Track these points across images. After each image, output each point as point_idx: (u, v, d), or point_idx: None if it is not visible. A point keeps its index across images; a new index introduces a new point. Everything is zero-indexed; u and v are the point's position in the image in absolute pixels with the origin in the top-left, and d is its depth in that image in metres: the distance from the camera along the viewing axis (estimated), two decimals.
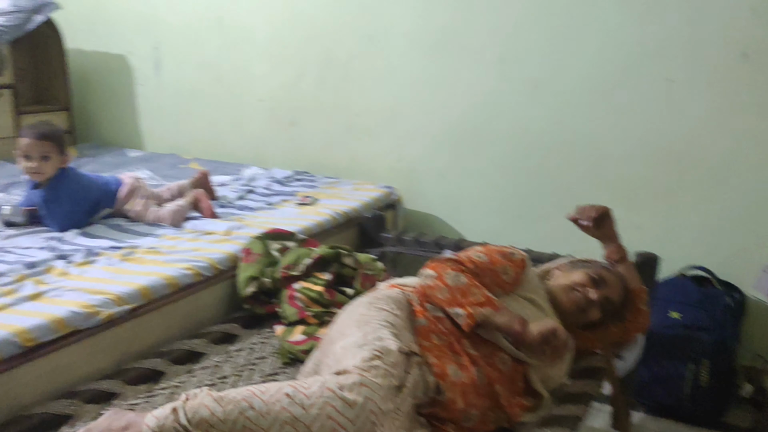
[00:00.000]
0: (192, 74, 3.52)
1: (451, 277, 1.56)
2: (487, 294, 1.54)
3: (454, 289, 1.54)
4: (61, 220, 2.21)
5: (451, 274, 1.57)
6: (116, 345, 1.64)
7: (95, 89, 3.84)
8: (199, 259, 1.97)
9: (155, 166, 3.29)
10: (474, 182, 2.91)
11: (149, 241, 2.15)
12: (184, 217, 2.39)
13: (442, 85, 2.89)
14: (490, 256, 1.66)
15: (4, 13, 3.18)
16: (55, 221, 2.21)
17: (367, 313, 1.51)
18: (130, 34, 3.65)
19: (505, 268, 1.67)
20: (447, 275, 1.57)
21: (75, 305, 1.60)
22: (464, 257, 1.65)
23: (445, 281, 1.56)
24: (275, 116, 3.35)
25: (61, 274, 1.82)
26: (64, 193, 2.23)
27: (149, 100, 3.68)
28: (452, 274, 1.57)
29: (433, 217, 3.03)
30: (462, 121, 2.88)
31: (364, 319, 1.48)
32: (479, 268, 1.63)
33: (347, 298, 1.94)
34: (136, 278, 1.80)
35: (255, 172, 3.19)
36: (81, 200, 2.29)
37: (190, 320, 1.87)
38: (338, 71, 3.13)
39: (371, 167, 3.14)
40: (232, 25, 3.35)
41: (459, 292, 1.53)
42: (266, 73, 3.32)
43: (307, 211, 2.58)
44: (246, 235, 2.22)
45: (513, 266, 1.68)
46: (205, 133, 3.56)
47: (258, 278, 1.98)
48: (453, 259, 1.63)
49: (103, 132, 3.88)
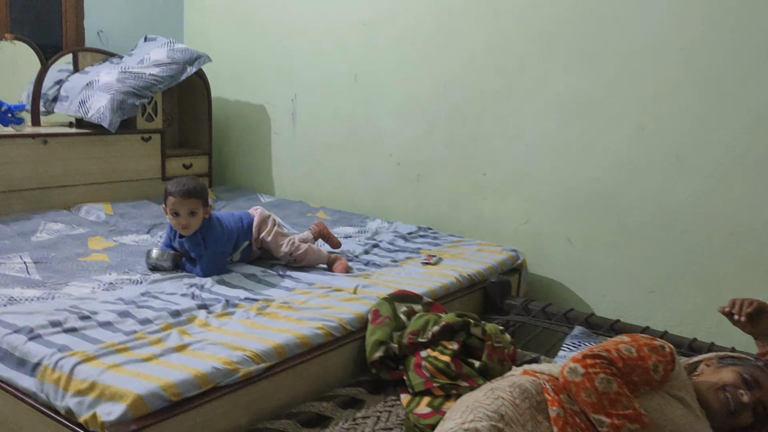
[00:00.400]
0: (325, 126, 3.65)
1: (600, 382, 1.48)
2: (636, 408, 1.46)
3: (602, 395, 1.47)
4: (206, 266, 2.34)
5: (601, 379, 1.49)
6: (251, 403, 1.69)
7: (234, 136, 4.07)
8: (329, 318, 2.01)
9: (284, 212, 3.41)
10: (604, 251, 2.80)
11: (282, 294, 2.22)
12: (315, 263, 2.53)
13: (576, 150, 2.84)
14: (639, 350, 1.57)
15: (160, 64, 3.44)
16: (200, 267, 2.35)
17: (481, 399, 1.48)
18: (270, 86, 3.85)
19: (656, 365, 1.57)
20: (597, 379, 1.49)
21: (216, 360, 1.66)
22: (614, 352, 1.56)
23: (594, 384, 1.48)
24: (402, 171, 3.40)
25: (203, 325, 1.90)
26: (210, 241, 2.36)
27: (283, 149, 3.85)
28: (603, 379, 1.49)
29: (558, 284, 2.94)
30: (595, 188, 2.80)
31: (474, 405, 1.46)
32: (628, 365, 1.54)
33: (474, 371, 1.90)
34: (271, 335, 1.86)
35: (379, 225, 3.24)
36: (225, 244, 2.42)
37: (319, 381, 1.89)
38: (468, 129, 3.15)
39: (496, 228, 3.10)
40: (367, 82, 3.46)
41: (607, 399, 1.46)
42: (396, 129, 3.38)
43: (431, 271, 2.58)
44: (373, 294, 2.24)
45: (663, 362, 1.58)
46: (334, 183, 3.66)
47: (386, 343, 1.98)
48: (603, 357, 1.54)
49: (238, 176, 4.08)
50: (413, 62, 3.28)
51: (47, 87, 3.44)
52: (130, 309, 1.98)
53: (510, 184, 3.05)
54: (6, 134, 2.99)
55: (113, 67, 3.44)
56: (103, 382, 1.51)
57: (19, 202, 3.04)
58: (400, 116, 3.37)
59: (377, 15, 3.37)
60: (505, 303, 2.55)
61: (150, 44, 3.62)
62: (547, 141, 2.91)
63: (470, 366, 1.93)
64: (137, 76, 3.33)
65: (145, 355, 1.66)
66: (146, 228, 2.96)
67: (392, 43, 3.34)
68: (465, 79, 3.12)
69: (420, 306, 2.19)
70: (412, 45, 3.28)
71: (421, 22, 3.23)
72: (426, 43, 3.23)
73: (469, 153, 3.16)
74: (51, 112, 3.45)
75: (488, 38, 3.02)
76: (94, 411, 1.47)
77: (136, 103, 3.29)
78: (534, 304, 2.52)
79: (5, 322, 1.81)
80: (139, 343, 1.73)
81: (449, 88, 3.18)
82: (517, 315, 2.46)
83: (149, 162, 3.53)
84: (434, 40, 3.20)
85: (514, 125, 3.00)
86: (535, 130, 2.94)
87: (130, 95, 3.26)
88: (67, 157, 3.19)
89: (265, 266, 2.50)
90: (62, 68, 3.52)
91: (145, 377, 1.54)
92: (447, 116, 3.21)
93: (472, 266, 2.65)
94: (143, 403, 1.47)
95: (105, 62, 3.58)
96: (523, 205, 3.01)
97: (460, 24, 3.10)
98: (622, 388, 1.48)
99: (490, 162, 3.09)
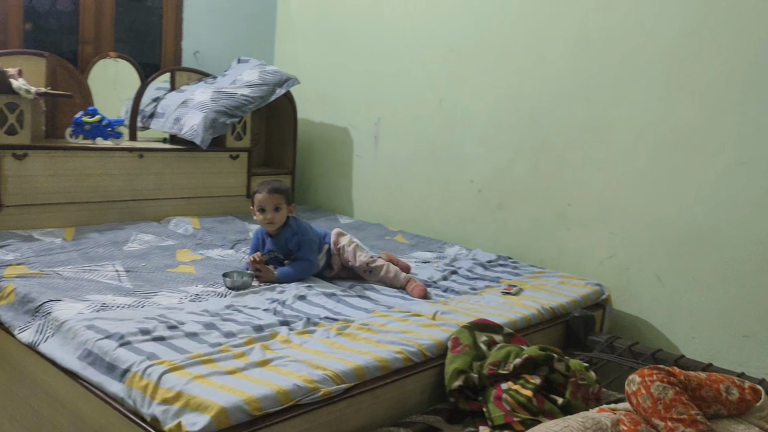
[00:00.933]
0: (407, 150, 3.66)
1: (656, 388, 1.51)
2: (693, 413, 1.44)
3: (657, 400, 1.49)
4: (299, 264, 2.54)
5: (657, 386, 1.51)
6: (329, 423, 1.68)
7: (317, 157, 4.14)
8: (409, 343, 1.99)
9: (363, 234, 3.43)
10: (696, 291, 2.67)
11: (362, 315, 2.22)
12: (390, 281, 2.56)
13: (668, 183, 2.73)
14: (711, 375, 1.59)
15: (252, 85, 3.55)
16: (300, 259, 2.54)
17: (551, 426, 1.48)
18: (354, 108, 3.91)
19: (728, 387, 1.57)
20: (653, 386, 1.51)
21: (298, 378, 1.67)
22: (677, 369, 1.59)
23: (649, 390, 1.51)
24: (483, 198, 3.36)
25: (284, 342, 1.92)
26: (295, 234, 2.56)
27: (364, 171, 3.89)
28: (659, 386, 1.51)
29: (644, 322, 2.82)
30: (688, 224, 2.68)
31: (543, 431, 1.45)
32: (693, 381, 1.56)
33: (556, 408, 1.84)
34: (351, 356, 1.85)
35: (458, 252, 3.20)
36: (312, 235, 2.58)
37: (397, 406, 1.87)
38: (553, 158, 3.09)
39: (579, 261, 3.02)
40: (452, 107, 3.45)
41: (662, 405, 1.47)
42: (480, 155, 3.35)
43: (512, 301, 2.52)
44: (452, 321, 2.21)
45: (738, 388, 1.57)
46: (413, 207, 3.66)
47: (466, 372, 1.94)
48: (662, 368, 1.56)
49: (319, 197, 4.14)
50: (499, 89, 3.26)
51: (145, 104, 3.61)
52: (215, 321, 2.02)
53: (596, 215, 2.96)
54: (105, 147, 3.14)
55: (207, 86, 3.57)
56: (188, 392, 1.54)
57: (114, 212, 3.18)
58: (483, 143, 3.34)
59: (465, 41, 3.38)
60: (589, 339, 2.47)
61: (243, 65, 3.75)
62: (637, 173, 2.82)
63: (553, 402, 1.87)
64: (230, 96, 3.44)
65: (229, 368, 1.69)
66: (231, 243, 3.03)
67: (479, 69, 3.33)
68: (553, 108, 3.07)
69: (501, 336, 2.14)
70: (499, 71, 3.26)
71: (510, 49, 3.20)
72: (513, 70, 3.20)
73: (554, 182, 3.09)
74: (147, 128, 3.60)
75: (579, 66, 2.97)
76: (179, 420, 1.49)
77: (228, 122, 3.40)
78: (619, 341, 2.42)
79: (97, 327, 1.88)
80: (223, 356, 1.75)
81: (536, 115, 3.13)
82: (601, 352, 2.37)
83: (236, 179, 3.63)
84: (522, 67, 3.16)
85: (603, 155, 2.92)
86: (624, 161, 2.85)
87: (222, 114, 3.37)
88: (160, 171, 3.32)
89: (344, 287, 2.51)
90: (160, 86, 3.69)
91: (229, 390, 1.56)
92: (532, 144, 3.16)
93: (554, 299, 2.58)
94: (226, 415, 1.49)
95: (200, 82, 3.73)
96: (609, 238, 2.92)
97: (549, 50, 3.06)
98: (679, 395, 1.48)
99: (576, 192, 3.02)
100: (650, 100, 2.76)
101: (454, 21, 3.42)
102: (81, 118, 3.15)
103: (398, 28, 3.66)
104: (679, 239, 2.71)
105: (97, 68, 3.49)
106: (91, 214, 3.10)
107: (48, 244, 2.70)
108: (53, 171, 2.97)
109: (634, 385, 1.57)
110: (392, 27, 3.69)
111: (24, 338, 1.99)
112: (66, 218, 3.03)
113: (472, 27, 3.34)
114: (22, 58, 3.14)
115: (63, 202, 3.01)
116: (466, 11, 3.36)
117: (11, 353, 2.10)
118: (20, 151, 2.87)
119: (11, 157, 2.84)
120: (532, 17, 3.11)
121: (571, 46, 2.98)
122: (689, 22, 2.64)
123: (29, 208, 2.92)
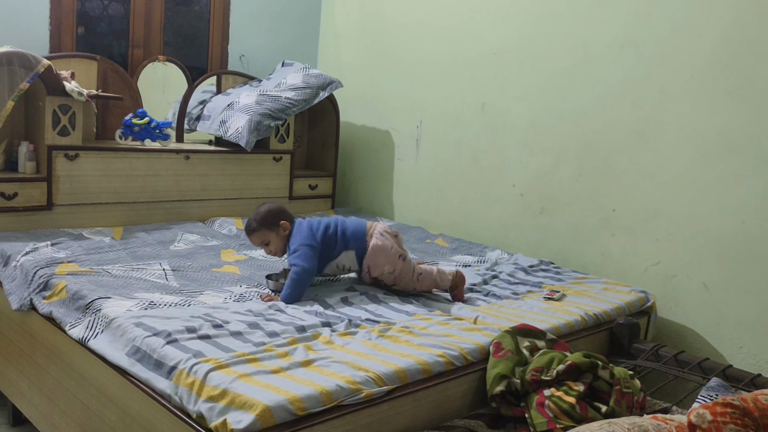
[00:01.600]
0: (449, 153, 3.65)
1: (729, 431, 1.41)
2: None
3: None
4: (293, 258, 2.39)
5: (730, 429, 1.41)
6: (370, 425, 1.69)
7: (358, 159, 4.16)
8: (450, 347, 1.98)
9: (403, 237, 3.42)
10: (745, 300, 2.61)
11: (403, 318, 2.22)
12: (431, 287, 2.51)
13: (717, 189, 2.67)
14: None
15: (296, 88, 3.59)
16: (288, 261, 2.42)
17: (595, 428, 1.44)
18: (396, 112, 3.92)
19: None
20: (725, 429, 1.41)
21: (340, 379, 1.68)
22: (750, 402, 1.46)
23: None
24: (525, 202, 3.33)
25: (327, 343, 1.94)
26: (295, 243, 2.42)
27: (405, 174, 3.89)
28: (732, 429, 1.41)
29: (690, 331, 2.76)
30: (738, 231, 2.62)
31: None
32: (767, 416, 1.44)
33: (600, 416, 1.81)
34: (393, 358, 1.86)
35: (498, 256, 3.18)
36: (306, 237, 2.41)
37: (438, 410, 1.87)
38: (598, 164, 3.04)
39: (623, 267, 2.97)
40: (494, 111, 3.44)
41: None
42: (522, 160, 3.33)
43: (554, 307, 2.49)
44: (494, 325, 2.20)
45: None
46: (454, 210, 3.65)
47: (508, 377, 1.93)
48: (737, 406, 1.45)
49: (360, 199, 4.16)
50: (543, 93, 3.23)
51: (191, 106, 3.68)
52: (258, 321, 2.05)
53: (641, 221, 2.91)
54: (153, 149, 3.22)
55: (252, 89, 3.63)
56: (234, 390, 1.56)
57: (161, 212, 3.25)
58: (526, 147, 3.31)
59: (508, 44, 3.36)
60: (633, 347, 2.42)
61: (287, 69, 3.79)
62: (684, 179, 2.76)
63: (596, 410, 1.84)
64: (274, 99, 3.49)
65: (273, 367, 1.71)
66: None
67: (522, 73, 3.31)
68: (598, 112, 3.03)
69: (543, 342, 2.12)
70: (542, 75, 3.23)
71: (554, 52, 3.18)
72: (558, 74, 3.17)
73: (598, 188, 3.05)
74: (193, 130, 3.67)
75: (626, 69, 2.92)
76: (224, 418, 1.52)
77: (272, 125, 3.44)
78: (665, 350, 2.38)
79: (146, 324, 1.92)
80: (267, 355, 1.78)
81: (581, 120, 3.09)
82: (646, 360, 2.33)
83: (278, 181, 3.67)
84: (567, 71, 3.13)
85: (649, 161, 2.87)
86: (672, 166, 2.80)
87: (266, 117, 3.42)
88: (206, 172, 3.38)
89: (386, 289, 2.51)
90: (206, 89, 3.75)
91: (274, 389, 1.58)
92: (576, 149, 3.12)
93: (598, 305, 2.55)
94: (271, 414, 1.50)
95: (245, 85, 3.78)
96: (655, 244, 2.87)
97: (595, 54, 3.02)
98: None
99: (621, 198, 2.97)
100: (698, 105, 2.70)
101: (497, 24, 3.40)
102: (130, 120, 3.23)
103: (441, 31, 3.66)
104: (727, 247, 2.65)
105: (146, 71, 3.57)
106: (138, 214, 3.18)
107: (97, 243, 2.78)
108: (103, 171, 3.05)
109: (703, 422, 1.44)
110: (434, 30, 3.69)
111: (74, 334, 2.05)
112: (114, 218, 3.11)
113: (515, 30, 3.32)
114: (75, 61, 3.24)
115: (112, 201, 3.10)
116: (510, 14, 3.34)
117: (62, 349, 2.16)
118: (72, 152, 2.96)
119: (63, 158, 2.93)
120: (577, 20, 3.08)
121: (617, 49, 2.94)
122: (738, 25, 2.58)
123: (79, 207, 3.01)
